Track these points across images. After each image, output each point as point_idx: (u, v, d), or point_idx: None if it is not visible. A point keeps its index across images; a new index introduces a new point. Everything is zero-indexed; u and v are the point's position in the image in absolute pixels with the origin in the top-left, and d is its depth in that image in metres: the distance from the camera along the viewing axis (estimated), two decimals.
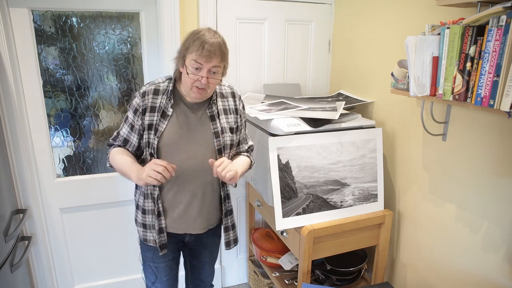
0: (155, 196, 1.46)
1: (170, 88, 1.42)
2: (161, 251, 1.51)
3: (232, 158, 1.56)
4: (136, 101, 1.41)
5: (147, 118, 1.40)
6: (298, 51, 2.32)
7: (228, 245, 1.61)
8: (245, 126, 1.61)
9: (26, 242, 1.96)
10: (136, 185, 1.54)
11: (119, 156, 1.44)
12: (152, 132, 1.40)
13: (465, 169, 1.49)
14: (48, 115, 2.01)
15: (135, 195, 1.57)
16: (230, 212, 1.60)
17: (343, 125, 1.80)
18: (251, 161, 1.61)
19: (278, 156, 1.65)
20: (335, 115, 1.73)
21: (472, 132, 1.44)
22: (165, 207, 1.49)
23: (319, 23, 2.30)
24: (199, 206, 1.51)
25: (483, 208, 1.43)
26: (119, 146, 1.48)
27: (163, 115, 1.41)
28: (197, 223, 1.53)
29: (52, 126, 2.04)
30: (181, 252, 1.71)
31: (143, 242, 1.57)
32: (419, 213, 1.75)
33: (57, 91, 2.01)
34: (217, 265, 2.50)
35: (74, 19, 1.95)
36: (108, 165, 1.50)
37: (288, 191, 1.67)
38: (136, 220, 1.57)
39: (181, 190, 1.47)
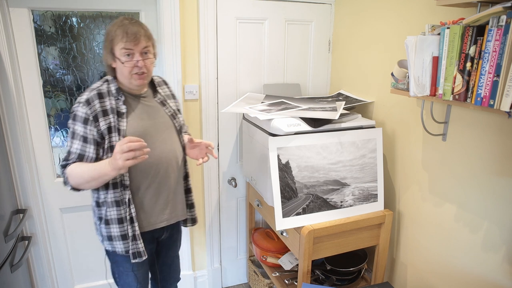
0: (126, 200, 1.41)
1: (114, 87, 1.41)
2: (144, 256, 1.47)
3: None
4: (82, 110, 1.34)
5: (102, 123, 1.35)
6: (298, 51, 2.32)
7: (193, 222, 1.71)
8: None
9: (26, 242, 1.96)
10: (98, 202, 1.45)
11: (80, 168, 1.33)
12: (115, 134, 1.37)
13: (465, 169, 1.49)
14: (48, 115, 2.01)
15: (100, 212, 1.46)
16: (190, 190, 1.70)
17: (343, 125, 1.80)
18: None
19: (278, 156, 1.65)
20: (335, 115, 1.73)
21: (472, 132, 1.44)
22: (146, 205, 1.47)
23: (319, 23, 2.30)
24: (179, 190, 1.58)
25: (483, 208, 1.43)
26: (74, 163, 1.36)
27: (119, 114, 1.39)
28: (180, 208, 1.60)
29: (52, 126, 2.04)
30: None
31: (123, 255, 1.49)
32: (419, 213, 1.75)
33: (57, 91, 2.01)
34: (217, 265, 2.50)
35: (74, 19, 1.94)
36: (69, 188, 1.37)
37: (288, 191, 1.67)
38: (110, 237, 1.46)
39: (163, 179, 1.49)
